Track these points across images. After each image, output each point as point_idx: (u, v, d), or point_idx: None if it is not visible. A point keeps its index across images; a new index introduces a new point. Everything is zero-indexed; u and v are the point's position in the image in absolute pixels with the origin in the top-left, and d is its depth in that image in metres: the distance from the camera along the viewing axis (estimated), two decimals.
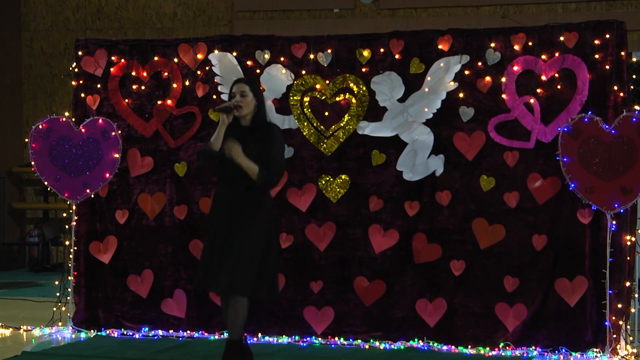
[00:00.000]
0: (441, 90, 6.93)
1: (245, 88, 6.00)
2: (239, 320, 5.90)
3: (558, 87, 6.76)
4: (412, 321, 6.95)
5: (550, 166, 6.73)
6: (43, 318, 7.76)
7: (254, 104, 6.00)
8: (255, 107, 6.01)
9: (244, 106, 5.96)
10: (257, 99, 6.02)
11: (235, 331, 5.93)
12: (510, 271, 6.81)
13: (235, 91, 6.01)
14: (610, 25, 6.69)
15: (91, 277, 7.49)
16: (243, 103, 5.95)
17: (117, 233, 7.45)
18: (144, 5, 12.92)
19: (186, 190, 7.36)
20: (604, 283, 6.54)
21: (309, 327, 7.05)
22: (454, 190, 6.93)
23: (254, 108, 6.01)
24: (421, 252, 6.96)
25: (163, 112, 7.40)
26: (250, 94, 5.99)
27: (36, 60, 13.25)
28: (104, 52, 7.50)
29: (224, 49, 7.31)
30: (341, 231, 7.09)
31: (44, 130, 7.46)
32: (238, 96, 5.98)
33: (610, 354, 6.49)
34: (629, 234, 6.64)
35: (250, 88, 6.01)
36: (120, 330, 7.36)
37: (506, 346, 6.74)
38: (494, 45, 6.87)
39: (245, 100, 5.97)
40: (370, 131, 7.06)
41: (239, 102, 5.95)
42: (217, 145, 5.89)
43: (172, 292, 7.34)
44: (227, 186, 5.96)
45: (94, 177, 7.39)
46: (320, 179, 7.12)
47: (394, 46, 7.03)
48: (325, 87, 7.14)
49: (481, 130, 6.88)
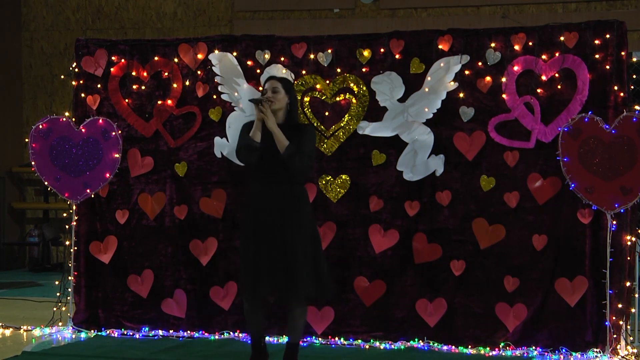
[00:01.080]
0: (441, 90, 6.93)
1: (277, 85, 6.01)
2: (303, 323, 5.99)
3: (558, 87, 6.76)
4: (412, 321, 6.95)
5: (551, 166, 6.73)
6: (43, 318, 7.76)
7: (285, 101, 6.00)
8: (287, 104, 6.01)
9: (275, 101, 5.95)
10: (289, 97, 6.02)
11: (299, 334, 6.01)
12: (511, 271, 6.81)
13: (267, 87, 6.03)
14: (610, 25, 6.70)
15: (91, 277, 7.49)
16: (274, 98, 5.95)
17: (117, 233, 7.45)
18: (144, 5, 12.92)
19: (186, 190, 7.36)
20: (604, 283, 6.54)
21: (309, 327, 7.04)
22: (454, 190, 6.93)
23: (286, 106, 6.01)
24: (421, 252, 6.96)
25: (163, 112, 7.40)
26: (283, 91, 5.99)
27: (36, 60, 13.25)
28: (104, 52, 7.50)
29: (224, 49, 7.31)
30: (341, 231, 7.10)
31: (44, 130, 7.47)
32: (269, 92, 5.98)
33: (611, 354, 6.49)
34: (629, 234, 6.64)
35: (282, 85, 6.02)
36: (121, 330, 7.37)
37: (506, 346, 6.74)
38: (494, 45, 6.87)
39: (276, 96, 5.97)
40: (371, 131, 7.06)
41: (269, 97, 5.95)
42: (258, 137, 5.88)
43: (172, 292, 7.34)
44: (264, 185, 5.91)
45: (94, 177, 7.39)
46: (320, 179, 7.12)
47: (394, 46, 7.03)
48: (325, 87, 7.14)
49: (481, 130, 6.88)
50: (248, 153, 5.91)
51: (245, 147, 5.91)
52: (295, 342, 6.00)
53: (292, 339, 6.00)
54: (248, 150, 5.90)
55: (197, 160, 7.33)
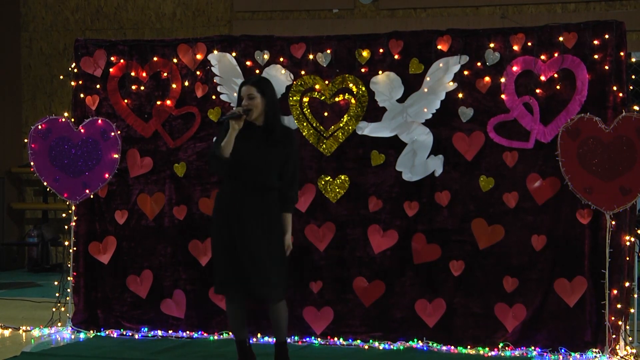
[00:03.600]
0: (440, 90, 6.94)
1: (252, 90, 5.87)
2: (286, 321, 5.97)
3: (557, 87, 6.76)
4: (411, 321, 6.95)
5: (550, 166, 6.74)
6: (42, 318, 7.76)
7: (263, 103, 5.89)
8: (264, 106, 5.89)
9: (254, 109, 5.85)
10: (265, 98, 5.89)
11: (284, 332, 5.99)
12: (510, 271, 6.81)
13: (242, 95, 5.90)
14: (609, 26, 6.70)
15: (90, 278, 7.49)
16: (252, 106, 5.85)
17: (117, 233, 7.45)
18: (143, 5, 12.92)
19: (185, 190, 7.36)
20: (603, 283, 6.55)
21: (308, 328, 7.05)
22: (453, 190, 6.93)
23: (264, 107, 5.89)
24: (420, 252, 6.96)
25: (162, 112, 7.40)
26: (258, 95, 5.87)
27: (35, 60, 13.24)
28: (103, 53, 7.50)
29: (223, 49, 7.31)
30: (340, 231, 7.10)
31: (43, 130, 7.47)
32: (245, 100, 5.87)
33: (610, 354, 6.50)
34: (628, 234, 6.65)
35: (256, 89, 5.88)
36: (120, 330, 7.37)
37: (505, 346, 6.74)
38: (493, 45, 6.88)
39: (253, 102, 5.85)
40: (370, 131, 7.06)
41: (246, 106, 5.84)
42: (227, 152, 5.75)
43: (171, 292, 7.34)
44: (237, 186, 5.85)
45: (94, 178, 7.39)
46: (319, 180, 7.12)
47: (393, 46, 7.04)
48: (324, 87, 7.14)
49: (480, 130, 6.88)
50: (217, 165, 5.87)
51: (215, 158, 5.84)
52: (282, 341, 5.98)
53: (278, 338, 5.99)
54: (217, 162, 5.84)
55: (197, 160, 7.33)
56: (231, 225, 5.82)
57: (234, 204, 5.84)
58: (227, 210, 5.86)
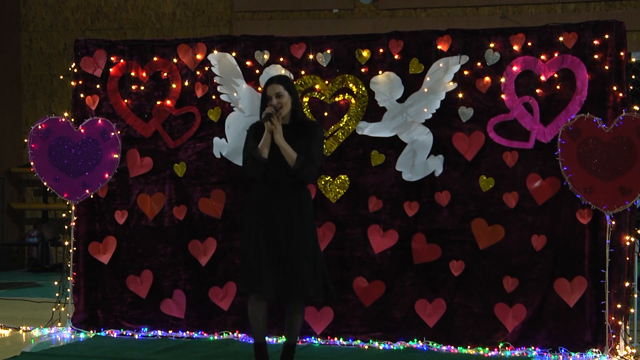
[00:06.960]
0: (440, 90, 6.94)
1: (280, 88, 5.88)
2: (301, 323, 5.97)
3: (557, 87, 6.76)
4: (411, 321, 6.95)
5: (550, 166, 6.74)
6: (42, 318, 7.76)
7: (291, 101, 5.91)
8: (292, 103, 5.92)
9: (284, 106, 5.86)
10: (292, 96, 5.92)
11: (297, 334, 5.99)
12: (510, 271, 6.81)
13: (269, 94, 5.90)
14: (609, 26, 6.70)
15: (90, 278, 7.49)
16: (281, 104, 5.86)
17: (117, 233, 7.45)
18: (143, 5, 12.92)
19: (185, 190, 7.36)
20: (603, 283, 6.55)
21: (308, 328, 7.05)
22: (453, 190, 6.93)
23: (292, 105, 5.92)
24: (420, 252, 6.96)
25: (162, 112, 7.40)
26: (286, 93, 5.89)
27: (35, 60, 13.25)
28: (103, 53, 7.50)
29: (223, 49, 7.31)
30: (340, 231, 7.10)
31: (43, 130, 7.47)
32: (274, 99, 5.87)
33: (610, 354, 6.50)
34: (628, 234, 6.65)
35: (283, 87, 5.90)
36: (120, 330, 7.37)
37: (505, 346, 6.74)
38: (493, 45, 6.88)
39: (282, 100, 5.87)
40: (370, 131, 7.06)
41: (275, 105, 5.85)
42: (266, 153, 5.78)
43: (171, 292, 7.34)
44: (270, 187, 5.84)
45: (93, 178, 7.39)
46: (319, 179, 7.12)
47: (393, 46, 7.04)
48: (324, 87, 7.14)
49: (480, 130, 6.88)
50: (255, 167, 5.84)
51: (253, 161, 5.83)
52: (293, 343, 5.99)
53: (290, 340, 5.99)
54: (255, 164, 5.83)
55: (196, 160, 7.33)
56: (267, 225, 5.79)
57: (269, 205, 5.82)
58: (262, 211, 5.83)
